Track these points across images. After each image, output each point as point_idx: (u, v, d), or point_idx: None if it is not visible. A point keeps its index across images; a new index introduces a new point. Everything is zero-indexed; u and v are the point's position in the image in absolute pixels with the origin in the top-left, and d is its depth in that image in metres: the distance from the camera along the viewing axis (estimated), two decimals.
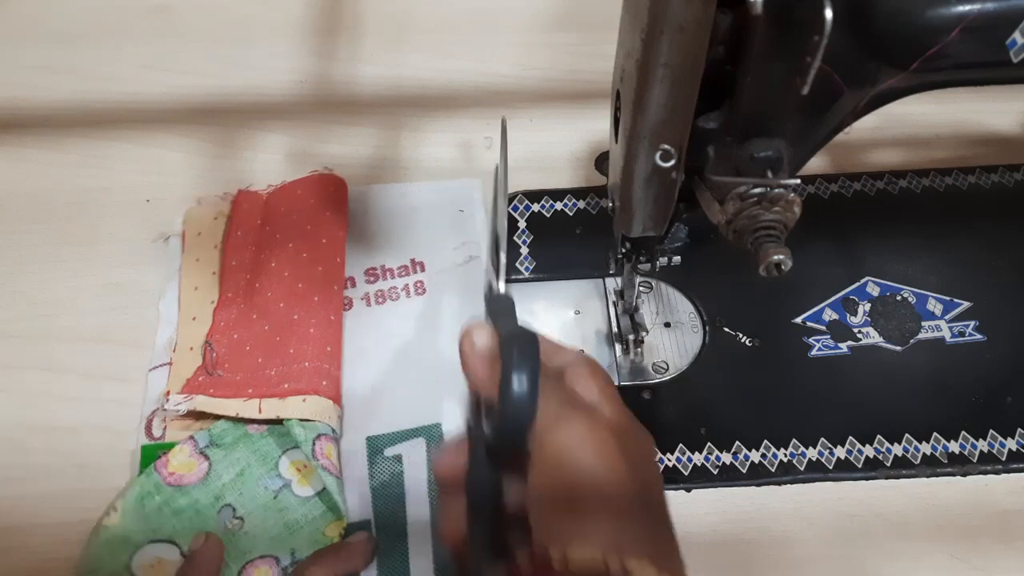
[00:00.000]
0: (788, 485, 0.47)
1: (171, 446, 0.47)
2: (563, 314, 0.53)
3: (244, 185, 0.57)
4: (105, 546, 0.44)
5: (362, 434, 0.48)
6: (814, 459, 0.47)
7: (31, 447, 0.47)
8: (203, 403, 0.47)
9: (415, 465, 0.47)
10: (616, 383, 0.50)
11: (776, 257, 0.32)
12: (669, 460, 0.47)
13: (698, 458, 0.47)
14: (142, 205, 0.58)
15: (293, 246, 0.53)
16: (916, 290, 0.53)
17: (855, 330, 0.52)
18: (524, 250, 0.56)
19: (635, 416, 0.36)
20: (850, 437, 0.48)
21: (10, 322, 0.53)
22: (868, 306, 0.53)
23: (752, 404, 0.49)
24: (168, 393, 0.48)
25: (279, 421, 0.46)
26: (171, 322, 0.52)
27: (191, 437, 0.47)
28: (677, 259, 0.45)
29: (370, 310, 0.53)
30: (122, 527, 0.44)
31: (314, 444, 0.45)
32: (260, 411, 0.46)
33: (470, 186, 0.58)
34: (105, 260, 0.55)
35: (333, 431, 0.46)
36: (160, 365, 0.50)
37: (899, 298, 0.53)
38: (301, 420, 0.46)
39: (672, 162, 0.35)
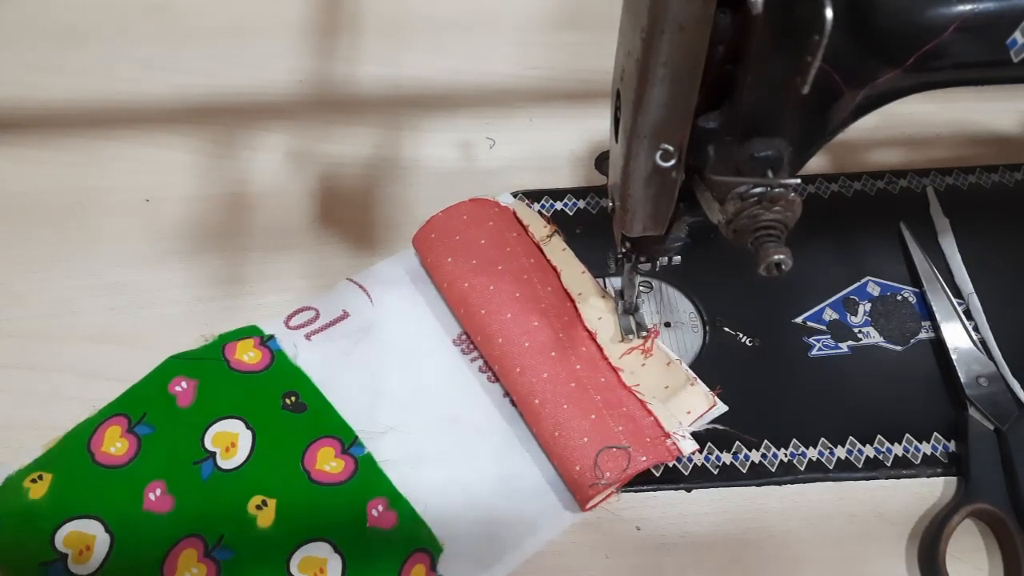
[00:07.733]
0: (788, 485, 0.47)
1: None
2: None
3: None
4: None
5: None
6: (814, 459, 0.47)
7: (31, 447, 0.47)
8: None
9: None
10: None
11: (776, 257, 0.32)
12: (669, 460, 0.47)
13: (698, 458, 0.47)
14: (142, 205, 0.58)
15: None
16: (916, 290, 0.53)
17: (855, 330, 0.52)
18: None
19: None
20: (850, 437, 0.48)
21: (10, 322, 0.53)
22: (868, 306, 0.53)
23: (752, 404, 0.49)
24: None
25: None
26: None
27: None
28: (677, 259, 0.45)
29: None
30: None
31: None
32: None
33: None
34: (105, 260, 0.55)
35: None
36: None
37: (899, 298, 0.53)
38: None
39: (672, 162, 0.35)
